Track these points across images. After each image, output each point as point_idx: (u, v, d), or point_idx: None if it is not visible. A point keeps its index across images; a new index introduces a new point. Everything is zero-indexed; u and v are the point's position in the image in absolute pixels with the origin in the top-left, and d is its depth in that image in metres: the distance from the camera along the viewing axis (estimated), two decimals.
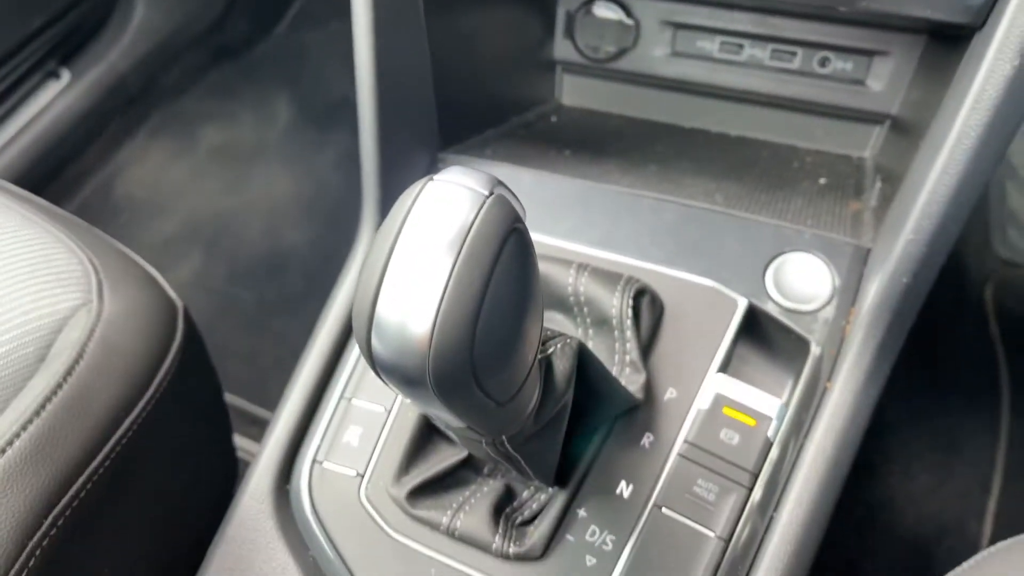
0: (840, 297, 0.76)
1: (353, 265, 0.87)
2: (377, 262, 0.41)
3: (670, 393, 0.75)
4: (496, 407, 0.47)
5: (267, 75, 2.27)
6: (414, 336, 0.40)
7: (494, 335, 0.42)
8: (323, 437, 0.80)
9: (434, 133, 0.92)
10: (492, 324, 0.41)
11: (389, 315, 0.41)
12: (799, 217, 0.83)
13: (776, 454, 0.71)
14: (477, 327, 0.40)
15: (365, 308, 0.41)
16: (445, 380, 0.41)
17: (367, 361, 0.44)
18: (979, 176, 0.67)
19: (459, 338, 0.40)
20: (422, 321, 0.40)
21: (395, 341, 0.41)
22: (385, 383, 0.44)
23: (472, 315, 0.40)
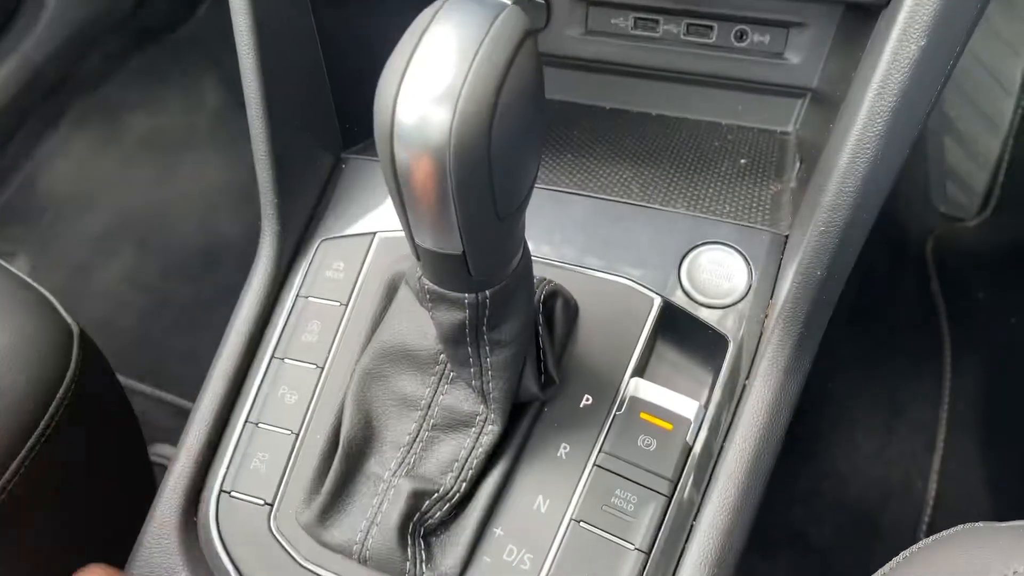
0: (757, 290, 0.73)
1: (255, 279, 0.83)
2: (407, 44, 0.44)
3: (586, 400, 0.72)
4: (495, 222, 0.49)
5: (193, 58, 2.18)
6: (442, 93, 0.42)
7: (512, 118, 0.44)
8: (229, 464, 0.76)
9: (335, 133, 0.87)
10: (510, 105, 0.43)
11: (420, 75, 0.43)
12: (716, 204, 0.80)
13: (696, 457, 0.69)
14: (499, 99, 0.43)
15: (395, 77, 0.44)
16: (465, 146, 0.43)
17: (386, 143, 0.45)
18: (890, 163, 0.64)
19: (483, 103, 0.42)
20: (451, 81, 0.42)
21: (423, 100, 0.43)
22: (394, 172, 0.46)
23: (496, 87, 0.42)
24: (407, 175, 0.46)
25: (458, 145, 0.43)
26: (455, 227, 0.49)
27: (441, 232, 0.50)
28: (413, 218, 0.50)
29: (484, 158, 0.45)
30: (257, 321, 0.81)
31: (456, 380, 0.69)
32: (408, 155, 0.45)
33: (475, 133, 0.43)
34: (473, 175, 0.45)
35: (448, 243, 0.51)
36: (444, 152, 0.43)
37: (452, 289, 0.58)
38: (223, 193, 1.96)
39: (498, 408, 0.67)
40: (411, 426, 0.71)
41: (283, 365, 0.79)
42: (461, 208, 0.47)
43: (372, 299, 0.78)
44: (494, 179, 0.46)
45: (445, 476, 0.69)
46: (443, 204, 0.47)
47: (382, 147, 0.46)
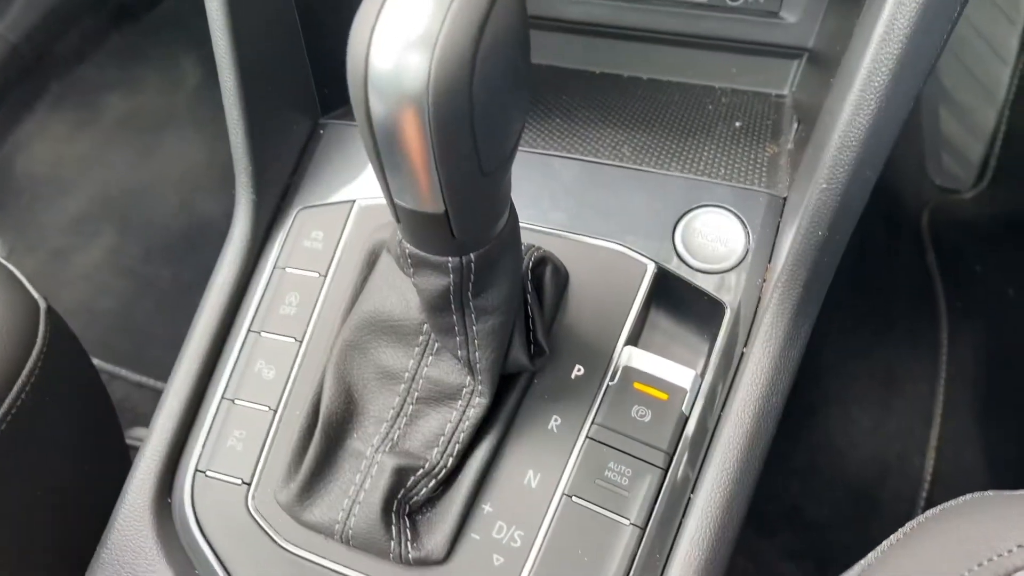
0: (755, 254, 0.70)
1: (229, 251, 0.79)
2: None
3: (577, 370, 0.69)
4: (479, 177, 0.46)
5: (171, 36, 2.13)
6: (419, 37, 0.39)
7: (495, 62, 0.41)
8: (205, 443, 0.73)
9: (312, 98, 0.83)
10: (493, 48, 0.40)
11: (395, 19, 0.40)
12: (711, 167, 0.77)
13: (692, 429, 0.66)
14: (481, 41, 0.40)
15: (368, 21, 0.40)
16: (445, 93, 0.40)
17: (360, 93, 0.41)
18: (894, 116, 0.61)
19: (463, 46, 0.39)
20: (428, 23, 0.39)
21: (398, 44, 0.39)
22: (369, 124, 0.42)
23: (477, 28, 0.39)
24: (383, 127, 0.42)
25: (437, 92, 0.40)
26: (436, 183, 0.45)
27: (421, 189, 0.47)
28: (391, 175, 0.47)
29: (466, 106, 0.41)
30: (232, 294, 0.77)
31: (441, 351, 0.66)
32: (384, 105, 0.41)
33: (455, 79, 0.40)
34: (454, 125, 0.42)
35: (429, 201, 0.48)
36: (422, 100, 0.40)
37: (434, 252, 0.54)
38: (204, 173, 1.92)
39: (485, 380, 0.64)
40: (394, 400, 0.68)
41: (260, 339, 0.75)
42: (442, 162, 0.44)
43: (352, 269, 0.74)
44: (476, 129, 0.43)
45: (430, 451, 0.66)
46: (422, 158, 0.44)
47: (356, 98, 0.42)
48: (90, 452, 0.87)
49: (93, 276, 1.80)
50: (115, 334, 1.72)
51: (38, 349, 0.75)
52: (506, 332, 0.63)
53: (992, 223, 1.56)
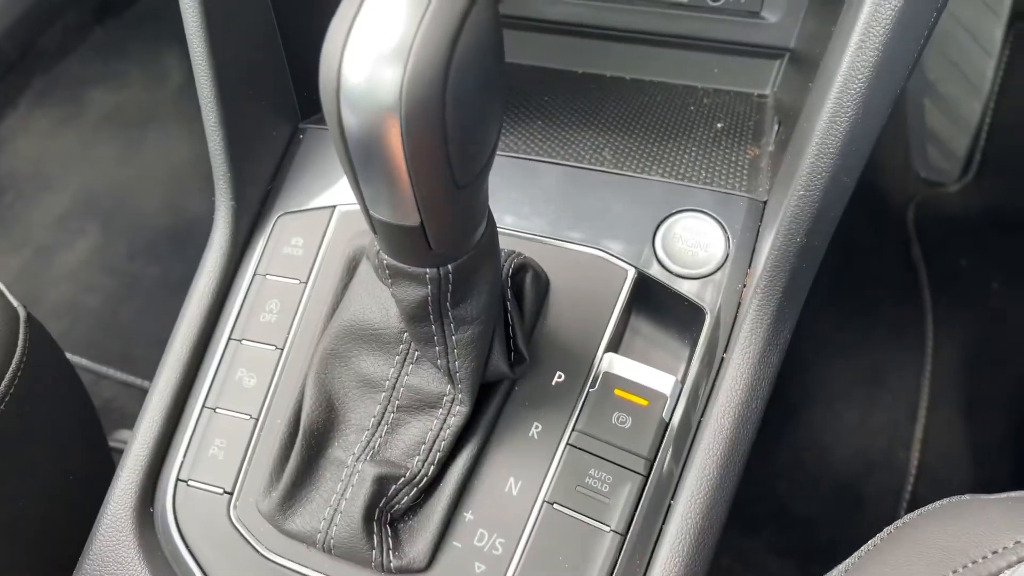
0: (735, 259, 0.70)
1: (210, 257, 0.79)
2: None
3: (558, 377, 0.69)
4: (454, 190, 0.46)
5: (154, 31, 2.11)
6: (392, 49, 0.39)
7: (468, 75, 0.41)
8: (186, 452, 0.73)
9: (292, 102, 0.83)
10: (466, 61, 0.40)
11: (368, 31, 0.39)
12: (691, 171, 0.76)
13: (673, 435, 0.66)
14: (454, 54, 0.40)
15: (341, 33, 0.40)
16: (418, 106, 0.39)
17: (332, 106, 0.41)
18: (872, 122, 0.61)
19: (436, 58, 0.39)
20: (401, 36, 0.39)
21: (370, 57, 0.39)
22: (343, 138, 0.42)
23: (450, 41, 0.39)
24: (356, 139, 0.42)
25: (410, 105, 0.40)
26: (411, 196, 0.45)
27: (396, 202, 0.47)
28: (365, 187, 0.47)
29: (439, 120, 0.41)
30: (213, 301, 0.77)
31: (421, 359, 0.66)
32: (356, 118, 0.41)
33: (428, 92, 0.39)
34: (427, 139, 0.41)
35: (404, 214, 0.47)
36: (395, 113, 0.40)
37: (411, 263, 0.54)
38: (189, 170, 1.91)
39: (466, 388, 0.64)
40: (375, 408, 0.67)
41: (241, 347, 0.75)
42: (416, 176, 0.43)
43: (333, 276, 0.74)
44: (450, 143, 0.43)
45: (412, 459, 0.66)
46: (396, 172, 0.43)
47: (329, 110, 0.42)
48: (73, 459, 0.87)
49: (78, 274, 1.79)
50: (101, 333, 1.71)
51: (17, 359, 0.75)
52: (486, 341, 0.63)
53: (977, 216, 1.57)
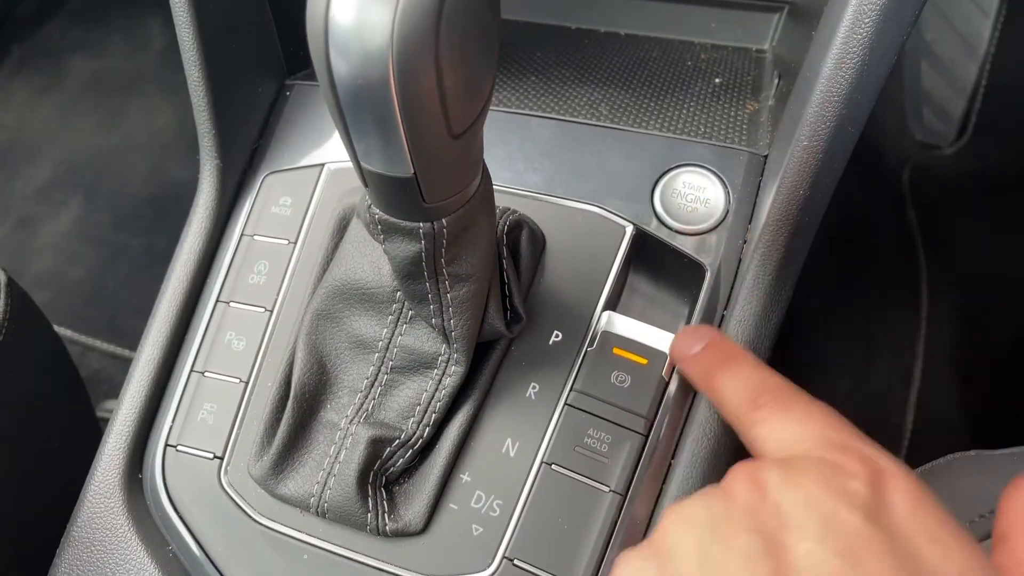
0: (735, 214, 0.69)
1: (195, 219, 0.76)
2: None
3: (555, 336, 0.67)
4: (448, 140, 0.44)
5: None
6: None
7: (462, 15, 0.39)
8: (175, 417, 0.71)
9: (277, 58, 0.80)
10: (460, 0, 0.39)
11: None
12: (690, 125, 0.74)
13: (673, 394, 0.65)
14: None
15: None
16: (409, 49, 0.38)
17: (320, 52, 0.39)
18: (877, 69, 0.59)
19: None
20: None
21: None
22: (332, 85, 0.40)
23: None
24: (346, 86, 0.40)
25: (401, 48, 0.37)
26: (404, 146, 0.43)
27: (388, 152, 0.45)
28: (356, 137, 0.45)
29: (431, 63, 0.39)
30: (199, 263, 0.75)
31: (415, 319, 0.64)
32: (346, 63, 0.39)
33: (420, 33, 0.37)
34: (420, 84, 0.39)
35: (397, 165, 0.45)
36: (386, 56, 0.38)
37: (405, 218, 0.52)
38: (173, 138, 1.87)
39: (461, 347, 0.62)
40: (368, 369, 0.66)
41: (229, 309, 0.73)
42: (408, 124, 0.41)
43: (323, 235, 0.72)
44: (444, 88, 0.41)
45: (406, 421, 0.65)
46: (388, 119, 0.41)
47: (317, 56, 0.40)
48: (58, 429, 0.85)
49: (62, 245, 1.76)
50: (87, 304, 1.69)
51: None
52: (481, 299, 0.61)
53: (972, 179, 1.55)
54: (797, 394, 0.51)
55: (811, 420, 0.49)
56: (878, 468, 0.44)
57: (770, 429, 0.50)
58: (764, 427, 0.50)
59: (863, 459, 0.44)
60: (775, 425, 0.49)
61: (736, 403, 0.53)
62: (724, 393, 0.54)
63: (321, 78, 0.41)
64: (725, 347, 0.58)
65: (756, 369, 0.55)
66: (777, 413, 0.50)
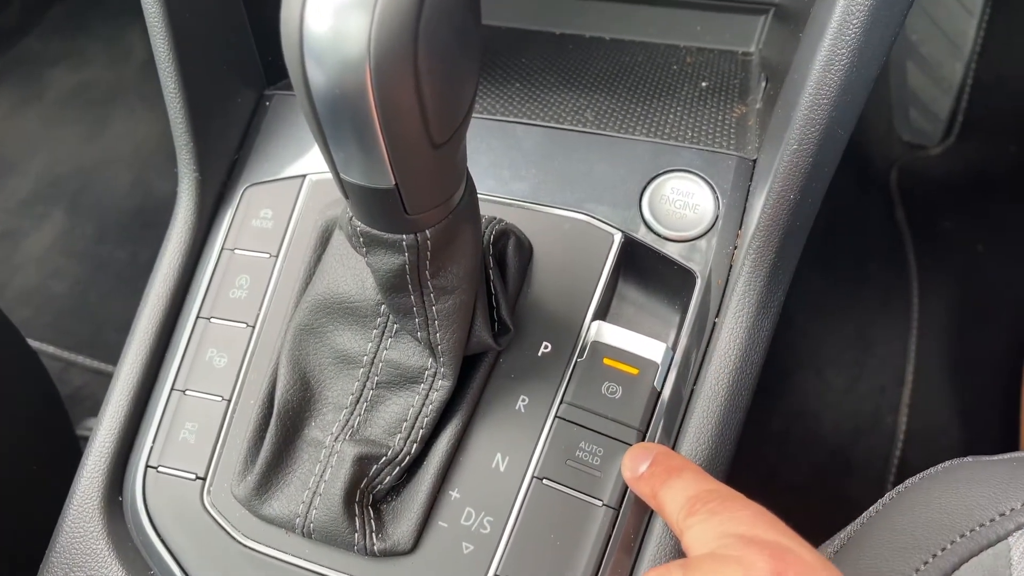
0: (725, 220, 0.67)
1: (174, 233, 0.75)
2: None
3: (544, 348, 0.66)
4: (430, 149, 0.43)
5: (116, 6, 2.04)
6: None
7: (441, 21, 0.38)
8: (155, 437, 0.69)
9: (256, 68, 0.78)
10: (439, 6, 0.37)
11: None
12: (677, 130, 0.73)
13: (665, 405, 0.64)
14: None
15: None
16: (387, 57, 0.36)
17: (296, 61, 0.37)
18: (867, 71, 0.58)
19: (406, 3, 0.36)
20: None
21: (334, 4, 0.36)
22: (308, 95, 0.38)
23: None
24: (323, 96, 0.39)
25: (378, 55, 0.36)
26: (384, 157, 0.42)
27: (368, 164, 0.43)
28: (335, 148, 0.43)
29: (410, 71, 0.37)
30: (179, 278, 0.73)
31: (400, 333, 0.63)
32: (322, 73, 0.37)
33: (398, 40, 0.36)
34: (399, 91, 0.38)
35: (377, 176, 0.44)
36: (363, 65, 0.36)
37: (387, 230, 0.51)
38: (156, 149, 1.85)
39: (448, 361, 0.61)
40: (353, 385, 0.64)
41: (210, 325, 0.71)
42: (388, 134, 0.40)
43: (305, 248, 0.70)
44: (424, 97, 0.39)
45: (393, 438, 0.63)
46: (367, 129, 0.40)
47: (292, 66, 0.38)
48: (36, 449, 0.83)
49: (44, 259, 1.74)
50: (70, 319, 1.66)
51: None
52: (468, 311, 0.60)
53: (960, 178, 1.55)
54: (731, 498, 0.52)
55: (735, 520, 0.49)
56: (786, 561, 0.44)
57: (697, 532, 0.50)
58: (692, 531, 0.50)
59: (773, 553, 0.44)
60: (701, 528, 0.50)
61: (675, 512, 0.53)
62: (665, 505, 0.55)
63: (297, 88, 0.39)
64: (669, 462, 0.58)
65: (697, 480, 0.55)
66: (705, 517, 0.50)
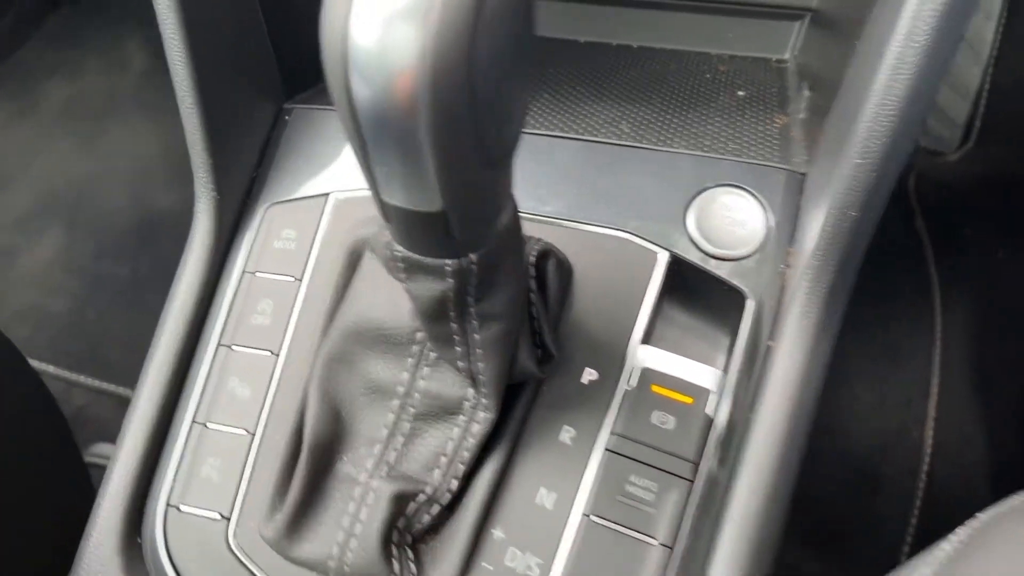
0: (775, 237, 0.64)
1: (191, 256, 0.71)
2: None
3: (589, 375, 0.62)
4: (482, 170, 0.40)
5: (112, 17, 2.00)
6: (407, 3, 0.32)
7: (499, 30, 0.35)
8: (176, 474, 0.65)
9: (275, 80, 0.75)
10: (497, 12, 0.34)
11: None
12: (719, 142, 0.70)
13: (720, 435, 0.60)
14: (482, 7, 0.33)
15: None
16: (442, 70, 0.33)
17: (339, 76, 0.34)
18: (933, 78, 0.54)
19: (461, 11, 0.32)
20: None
21: (383, 14, 0.32)
22: (352, 114, 0.35)
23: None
24: (369, 115, 0.35)
25: (434, 69, 0.33)
26: (432, 178, 0.38)
27: (415, 185, 0.40)
28: (379, 170, 0.40)
29: (466, 85, 0.34)
30: (197, 303, 0.69)
31: (438, 361, 0.59)
32: (368, 89, 0.34)
33: (455, 53, 0.33)
34: (454, 108, 0.35)
35: (424, 199, 0.41)
36: (416, 80, 0.33)
37: (430, 255, 0.47)
38: (155, 162, 1.81)
39: (491, 392, 0.57)
40: (387, 417, 0.60)
41: (231, 353, 0.68)
42: (439, 154, 0.37)
43: (331, 271, 0.67)
44: (479, 113, 0.36)
45: (431, 473, 0.59)
46: (417, 149, 0.37)
47: (335, 82, 0.35)
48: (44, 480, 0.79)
49: (42, 277, 1.69)
50: (69, 338, 1.62)
51: None
52: (512, 338, 0.56)
53: (979, 184, 1.52)
54: None
55: None
56: None
57: None
58: None
59: None
60: None
61: None
62: None
63: (340, 105, 0.36)
64: None
65: None
66: None
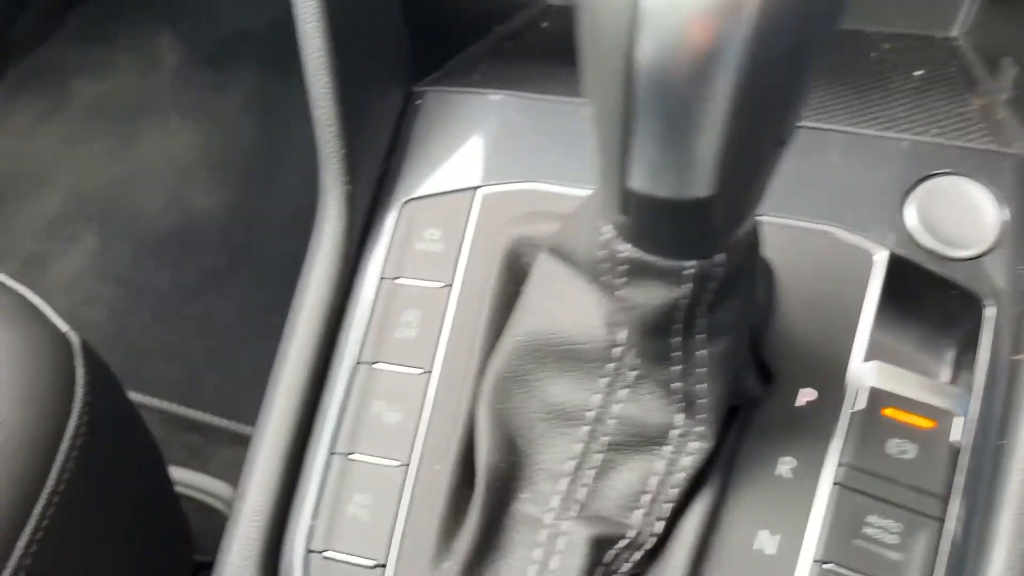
0: (1014, 232, 0.55)
1: (318, 261, 0.61)
2: None
3: (805, 396, 0.53)
4: (772, 147, 0.34)
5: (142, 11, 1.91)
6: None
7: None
8: (316, 513, 0.56)
9: (405, 61, 0.66)
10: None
11: None
12: (921, 124, 0.61)
13: (967, 465, 0.51)
14: None
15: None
16: (773, 20, 0.26)
17: (621, 30, 0.27)
18: None
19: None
20: None
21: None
22: (628, 73, 0.29)
23: None
24: (658, 77, 0.29)
25: (764, 20, 0.26)
26: (715, 155, 0.32)
27: (688, 164, 0.33)
28: (644, 147, 0.33)
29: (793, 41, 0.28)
30: (328, 315, 0.60)
31: (640, 381, 0.50)
32: (666, 45, 0.28)
33: None
34: (775, 70, 0.29)
35: (692, 182, 0.34)
36: (739, 34, 0.27)
37: (669, 255, 0.39)
38: (193, 162, 1.72)
39: (710, 418, 0.49)
40: (574, 448, 0.52)
41: (374, 372, 0.58)
42: (735, 124, 0.30)
43: (486, 275, 0.58)
44: (798, 75, 0.30)
45: (630, 514, 0.51)
46: (714, 119, 0.30)
47: (609, 37, 0.29)
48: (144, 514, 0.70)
49: (76, 285, 1.60)
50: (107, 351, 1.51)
51: (81, 400, 0.57)
52: (739, 355, 0.48)
53: None
54: None
55: None
56: None
57: None
58: None
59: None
60: None
61: None
62: None
63: (610, 66, 0.30)
64: None
65: None
66: None
